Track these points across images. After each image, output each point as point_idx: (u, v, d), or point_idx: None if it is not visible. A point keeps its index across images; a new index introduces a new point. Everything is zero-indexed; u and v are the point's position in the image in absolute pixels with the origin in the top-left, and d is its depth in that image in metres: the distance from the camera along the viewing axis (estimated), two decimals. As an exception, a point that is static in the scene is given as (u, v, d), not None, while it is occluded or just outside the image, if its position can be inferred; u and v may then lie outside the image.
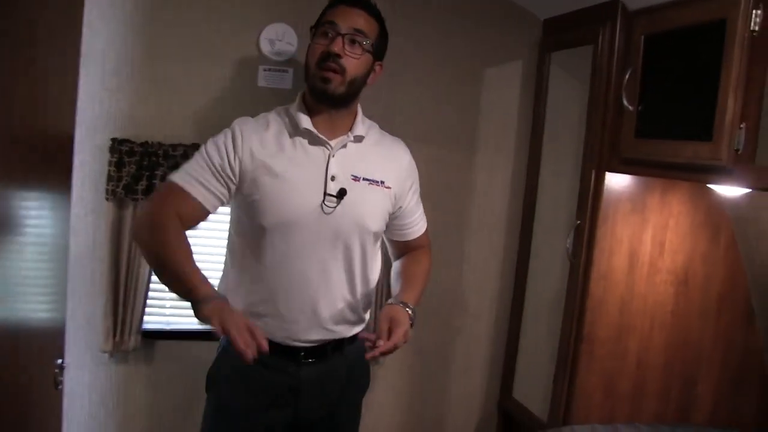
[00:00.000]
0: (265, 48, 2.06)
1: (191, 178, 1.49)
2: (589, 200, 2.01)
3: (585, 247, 2.02)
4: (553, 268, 2.21)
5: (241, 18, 2.07)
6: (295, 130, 1.55)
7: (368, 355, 1.46)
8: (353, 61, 1.51)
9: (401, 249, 1.79)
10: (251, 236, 1.55)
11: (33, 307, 1.26)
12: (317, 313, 1.57)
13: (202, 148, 1.55)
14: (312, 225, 1.52)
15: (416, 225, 1.77)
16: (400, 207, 1.69)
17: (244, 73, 2.09)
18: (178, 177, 1.50)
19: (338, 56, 1.48)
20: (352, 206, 1.55)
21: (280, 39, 2.05)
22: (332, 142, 1.56)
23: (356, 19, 1.52)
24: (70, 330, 2.07)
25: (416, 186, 1.75)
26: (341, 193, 1.53)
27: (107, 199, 2.02)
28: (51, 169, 1.34)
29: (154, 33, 2.03)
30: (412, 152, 1.75)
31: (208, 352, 1.71)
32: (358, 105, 1.63)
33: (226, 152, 1.51)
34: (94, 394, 2.15)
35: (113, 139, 2.00)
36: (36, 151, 1.16)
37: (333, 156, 1.55)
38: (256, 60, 2.08)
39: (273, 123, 1.58)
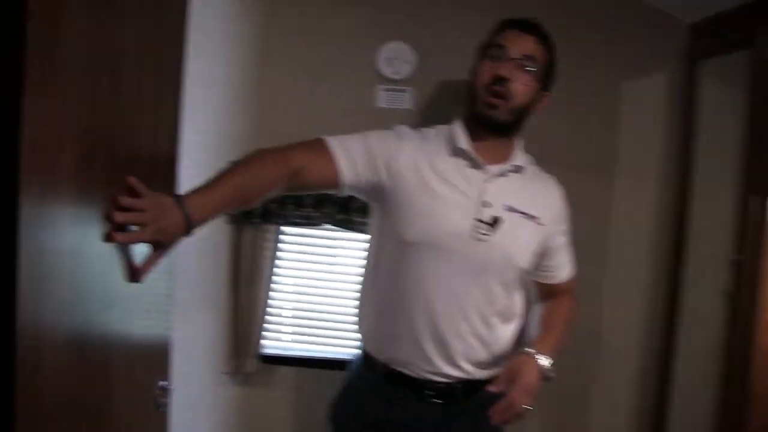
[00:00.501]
0: (384, 68, 2.01)
1: (340, 141, 1.44)
2: (751, 232, 1.73)
3: (747, 287, 1.73)
4: (708, 309, 1.92)
5: (359, 37, 2.04)
6: (453, 150, 1.50)
7: (493, 420, 1.38)
8: (521, 88, 1.45)
9: (544, 292, 1.65)
10: (390, 253, 1.50)
11: (142, 325, 1.26)
12: (447, 346, 1.48)
13: (363, 132, 1.50)
14: (457, 250, 1.44)
15: (562, 268, 1.64)
16: (550, 247, 1.58)
17: (362, 93, 2.05)
18: (329, 136, 1.45)
19: (507, 80, 1.43)
20: (503, 238, 1.45)
21: (398, 58, 1.99)
22: (490, 168, 1.49)
23: (527, 45, 1.46)
24: (194, 349, 2.13)
25: (567, 227, 1.64)
26: (495, 222, 1.44)
27: (228, 222, 2.06)
28: (159, 188, 1.37)
29: (271, 54, 2.05)
30: None
31: (330, 381, 1.66)
32: (519, 135, 1.56)
33: (387, 146, 1.47)
34: (214, 413, 2.19)
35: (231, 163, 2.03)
36: (147, 171, 1.17)
37: (489, 182, 1.48)
38: (374, 80, 2.04)
39: (431, 139, 1.52)
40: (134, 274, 1.08)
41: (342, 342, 2.20)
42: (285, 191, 1.42)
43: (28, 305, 0.72)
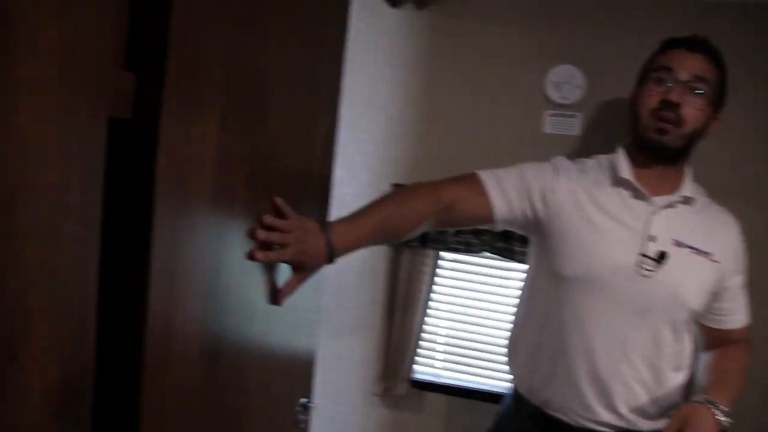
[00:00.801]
0: (551, 92, 1.91)
1: (494, 175, 1.40)
2: None
3: None
4: None
5: (526, 60, 1.96)
6: (615, 180, 1.41)
7: None
8: (693, 112, 1.33)
9: (713, 339, 1.47)
10: (547, 287, 1.43)
11: (286, 341, 1.30)
12: (607, 391, 1.37)
13: (518, 165, 1.46)
14: (620, 287, 1.34)
15: (737, 313, 1.45)
16: (725, 287, 1.41)
17: (528, 117, 1.97)
18: (481, 170, 1.42)
19: (677, 106, 1.32)
20: (671, 274, 1.33)
21: (566, 82, 1.88)
22: (656, 200, 1.38)
23: (696, 65, 1.34)
24: (345, 369, 2.17)
25: (744, 267, 1.46)
26: (662, 257, 1.32)
27: (390, 245, 2.08)
28: (310, 204, 1.41)
29: (436, 76, 2.04)
30: None
31: (481, 413, 1.60)
32: (689, 163, 1.43)
33: (544, 178, 1.42)
34: (364, 434, 2.21)
35: (394, 185, 2.05)
36: (298, 191, 1.21)
37: (656, 214, 1.37)
38: (541, 104, 1.94)
39: (591, 169, 1.45)
40: (275, 296, 1.11)
41: (496, 374, 2.12)
42: (436, 227, 1.39)
43: (158, 316, 0.75)
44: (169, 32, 0.71)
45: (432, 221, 1.35)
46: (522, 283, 1.55)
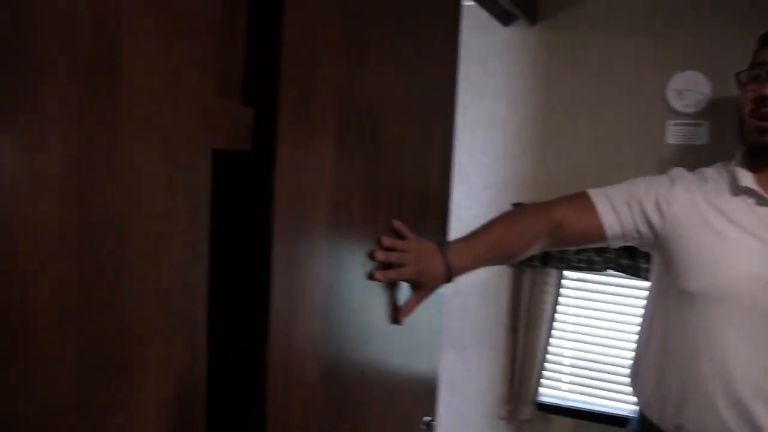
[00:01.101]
0: (673, 100, 1.83)
1: (603, 193, 1.37)
2: None
3: None
4: None
5: (645, 68, 1.90)
6: (737, 189, 1.33)
7: None
8: None
9: None
10: (672, 304, 1.36)
11: (407, 360, 1.33)
12: (749, 414, 1.27)
13: (631, 179, 1.42)
14: (752, 299, 1.26)
15: None
16: None
17: (649, 128, 1.90)
18: (590, 189, 1.39)
19: None
20: None
21: (690, 89, 1.80)
22: None
23: None
24: (468, 390, 2.17)
25: None
26: None
27: (508, 265, 2.06)
28: (429, 225, 1.44)
29: (552, 91, 2.02)
30: None
31: None
32: None
33: (657, 190, 1.36)
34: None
35: (514, 205, 2.04)
36: (415, 212, 1.25)
37: None
38: (662, 114, 1.87)
39: (711, 179, 1.38)
40: (395, 315, 1.14)
41: (624, 397, 2.03)
42: (551, 246, 1.37)
43: (278, 339, 0.80)
44: (282, 65, 0.76)
45: (545, 240, 1.34)
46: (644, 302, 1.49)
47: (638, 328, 1.50)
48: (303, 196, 0.85)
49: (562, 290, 2.06)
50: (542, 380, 2.09)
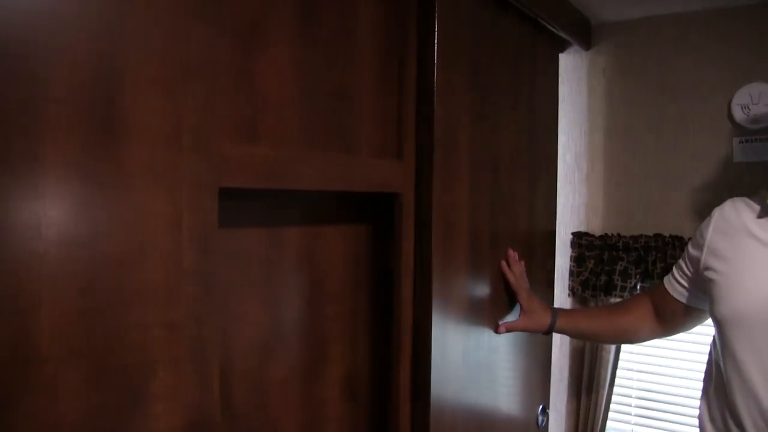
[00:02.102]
0: (738, 116, 1.73)
1: (673, 268, 1.45)
2: None
3: None
4: None
5: (708, 82, 1.80)
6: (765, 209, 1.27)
7: None
8: None
9: None
10: (716, 335, 1.30)
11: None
12: None
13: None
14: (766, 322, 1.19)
15: None
16: None
17: (714, 148, 1.79)
18: (667, 276, 1.48)
19: None
20: None
21: (756, 102, 1.68)
22: None
23: None
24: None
25: None
26: None
27: (569, 295, 1.99)
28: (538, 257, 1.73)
29: (612, 116, 1.95)
30: None
31: None
32: None
33: (698, 238, 1.34)
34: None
35: (574, 234, 1.97)
36: (526, 245, 1.61)
37: None
38: (728, 132, 1.76)
39: (755, 202, 1.31)
40: (498, 327, 1.48)
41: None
42: (660, 336, 1.53)
43: (438, 392, 1.07)
44: (436, 136, 1.17)
45: (646, 333, 1.50)
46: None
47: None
48: (452, 226, 1.21)
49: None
50: (611, 414, 1.97)
